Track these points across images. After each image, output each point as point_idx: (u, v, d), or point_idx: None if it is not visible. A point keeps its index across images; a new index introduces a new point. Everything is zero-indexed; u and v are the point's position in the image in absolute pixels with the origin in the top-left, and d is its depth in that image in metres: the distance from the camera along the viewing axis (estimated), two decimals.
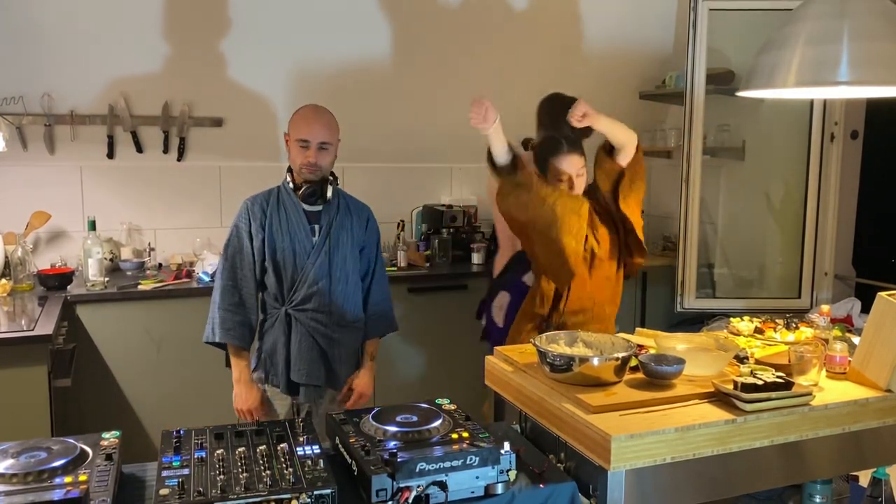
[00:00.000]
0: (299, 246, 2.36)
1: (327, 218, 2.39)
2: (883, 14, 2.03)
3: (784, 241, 3.82)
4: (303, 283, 2.36)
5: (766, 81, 2.17)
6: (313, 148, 2.32)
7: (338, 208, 2.42)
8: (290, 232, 2.36)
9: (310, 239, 2.37)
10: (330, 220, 2.39)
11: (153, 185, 3.64)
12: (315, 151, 2.32)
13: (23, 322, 2.66)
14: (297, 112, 2.40)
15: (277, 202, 2.39)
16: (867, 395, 1.83)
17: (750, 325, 2.32)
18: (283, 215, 2.38)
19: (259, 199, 2.41)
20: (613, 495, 1.57)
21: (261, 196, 2.42)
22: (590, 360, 1.78)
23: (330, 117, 2.39)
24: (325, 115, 2.39)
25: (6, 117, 3.35)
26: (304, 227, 2.37)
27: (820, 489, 2.06)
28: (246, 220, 2.38)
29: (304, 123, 2.35)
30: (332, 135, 2.37)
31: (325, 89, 3.83)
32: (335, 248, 2.38)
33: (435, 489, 1.45)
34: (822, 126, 3.55)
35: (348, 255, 2.41)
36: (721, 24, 3.51)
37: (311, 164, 2.32)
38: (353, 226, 2.44)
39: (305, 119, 2.36)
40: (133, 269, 3.43)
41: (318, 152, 2.33)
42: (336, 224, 2.39)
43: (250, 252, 2.36)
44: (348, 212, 2.45)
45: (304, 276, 2.35)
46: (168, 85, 3.59)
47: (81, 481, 1.40)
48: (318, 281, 2.35)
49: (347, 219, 2.43)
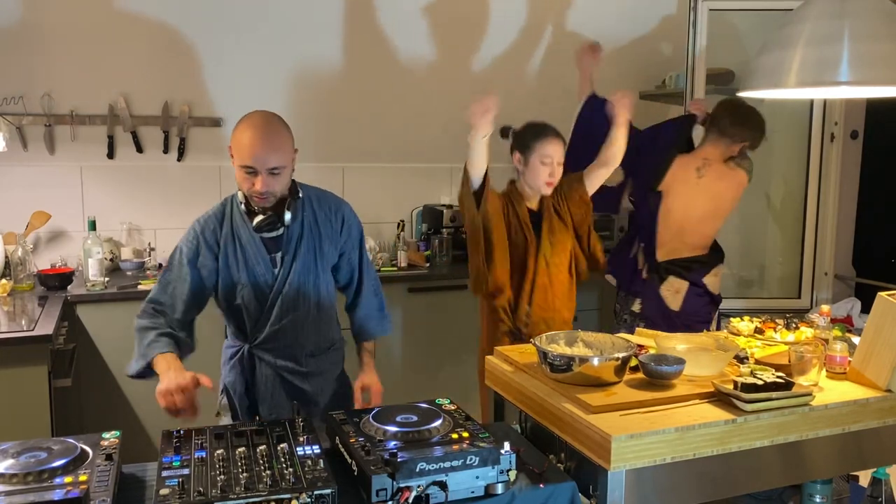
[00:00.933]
0: (260, 279, 2.00)
1: (290, 244, 2.02)
2: (883, 14, 2.04)
3: (784, 241, 3.82)
4: (265, 322, 2.04)
5: (766, 81, 2.17)
6: (262, 176, 1.90)
7: (301, 226, 2.04)
8: (248, 266, 2.00)
9: (270, 271, 2.01)
10: (294, 247, 2.02)
11: (153, 185, 3.64)
12: (264, 179, 1.90)
13: (23, 322, 2.66)
14: (237, 127, 1.93)
15: (231, 229, 2.01)
16: (867, 395, 1.83)
17: (750, 325, 2.32)
18: (238, 247, 2.00)
19: (210, 224, 2.03)
20: (613, 495, 1.57)
21: (212, 219, 2.04)
22: (590, 360, 1.78)
23: (280, 133, 1.93)
24: (274, 131, 1.91)
25: (6, 117, 3.35)
26: (262, 259, 2.00)
27: (820, 489, 2.06)
28: (193, 248, 2.00)
29: (247, 146, 1.88)
30: (284, 156, 1.92)
31: (325, 89, 3.84)
32: (303, 276, 2.03)
33: (435, 489, 1.45)
34: (822, 126, 3.56)
35: (320, 276, 2.07)
36: (721, 24, 3.52)
37: (260, 194, 1.92)
38: (323, 240, 2.07)
39: (248, 141, 1.88)
40: (133, 269, 3.43)
41: (267, 178, 1.90)
42: (302, 249, 2.03)
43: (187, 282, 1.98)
44: (315, 225, 2.06)
45: (268, 314, 2.03)
46: (168, 85, 3.59)
47: (81, 481, 1.39)
48: (284, 317, 2.03)
49: (314, 236, 2.05)
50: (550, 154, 2.54)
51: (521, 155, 2.59)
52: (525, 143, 2.58)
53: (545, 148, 2.54)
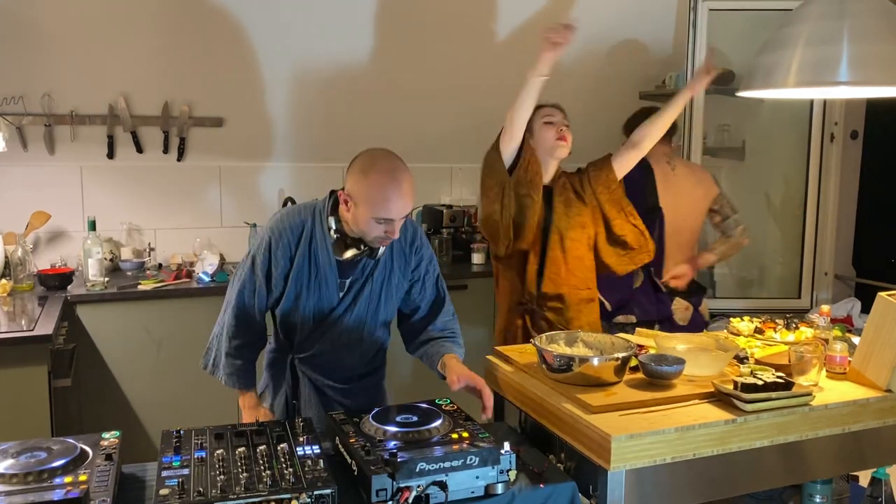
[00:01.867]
0: (325, 301, 1.99)
1: (363, 272, 1.99)
2: (883, 14, 2.04)
3: (784, 241, 3.82)
4: (315, 341, 2.03)
5: (766, 81, 2.17)
6: (397, 223, 1.88)
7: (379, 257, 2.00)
8: (318, 287, 1.97)
9: (336, 294, 1.98)
10: (367, 276, 1.99)
11: (153, 185, 3.64)
12: (398, 224, 1.89)
13: (23, 322, 2.66)
14: (368, 179, 1.86)
15: (309, 249, 1.95)
16: (867, 395, 1.83)
17: (750, 325, 2.32)
18: (312, 268, 1.96)
19: (285, 238, 1.95)
20: (613, 495, 1.57)
21: (289, 232, 1.95)
22: (590, 360, 1.78)
23: (410, 178, 1.89)
24: (406, 179, 1.87)
25: (6, 117, 3.35)
26: (334, 281, 1.97)
27: (820, 489, 2.06)
28: (266, 262, 1.96)
29: (384, 201, 1.83)
30: (414, 200, 1.92)
31: (325, 89, 3.84)
32: (368, 305, 2.01)
33: (435, 489, 1.45)
34: (822, 126, 3.56)
35: (382, 306, 2.03)
36: (721, 24, 3.52)
37: (389, 240, 1.91)
38: (394, 272, 2.03)
39: (388, 197, 1.83)
40: (133, 269, 3.43)
41: (399, 223, 1.89)
42: (373, 278, 2.00)
43: (264, 296, 1.99)
44: (391, 256, 2.02)
45: (320, 335, 2.02)
46: (168, 85, 3.59)
47: (81, 481, 1.40)
48: (336, 341, 2.03)
49: (387, 267, 2.01)
50: (549, 114, 2.56)
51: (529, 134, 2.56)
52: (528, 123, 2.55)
53: (541, 112, 2.55)
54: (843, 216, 3.69)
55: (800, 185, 3.64)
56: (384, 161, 1.90)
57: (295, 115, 3.83)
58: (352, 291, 1.99)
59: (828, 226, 3.62)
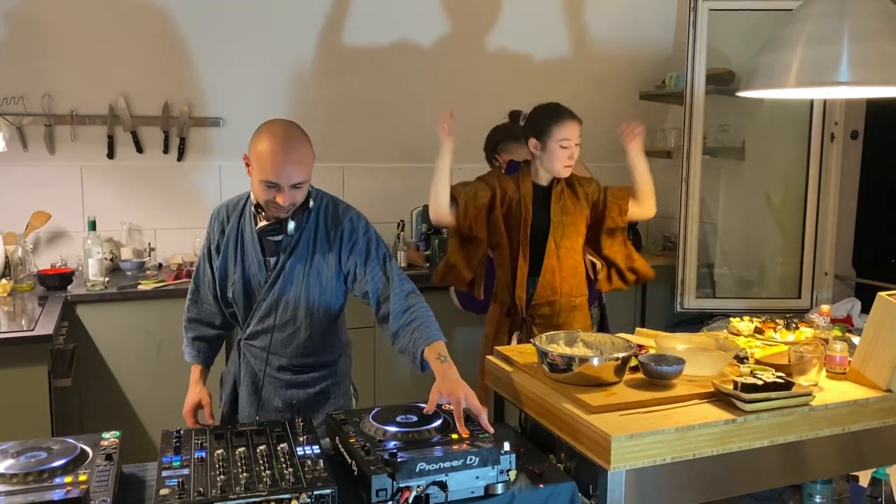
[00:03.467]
0: (252, 278, 2.03)
1: (285, 251, 2.00)
2: (883, 14, 2.04)
3: (784, 241, 3.82)
4: (252, 319, 2.07)
5: (766, 81, 2.17)
6: (285, 191, 1.88)
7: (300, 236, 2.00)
8: (244, 263, 2.03)
9: (263, 272, 2.02)
10: (288, 254, 2.00)
11: (153, 185, 3.64)
12: (287, 193, 1.88)
13: (23, 322, 2.66)
14: (260, 141, 1.89)
15: (238, 223, 2.05)
16: (867, 395, 1.83)
17: (750, 325, 2.32)
18: (240, 242, 2.04)
19: (222, 213, 2.09)
20: (613, 495, 1.57)
21: (223, 209, 2.10)
22: (590, 360, 1.78)
23: (302, 147, 1.92)
24: (297, 145, 1.90)
25: (6, 117, 3.35)
26: (257, 259, 2.01)
27: (820, 489, 2.06)
28: (206, 237, 2.12)
29: (270, 162, 1.85)
30: (306, 170, 1.91)
31: (325, 89, 3.84)
32: (290, 284, 2.01)
33: (435, 489, 1.45)
34: (822, 126, 3.55)
35: (311, 287, 2.01)
36: (721, 24, 3.51)
37: (279, 207, 1.90)
38: (317, 254, 2.01)
39: (272, 157, 1.85)
40: (133, 269, 3.43)
41: (290, 192, 1.89)
42: (294, 258, 2.00)
43: (209, 271, 2.11)
44: (314, 238, 2.02)
45: (255, 313, 2.06)
46: (168, 85, 3.59)
47: (81, 481, 1.40)
48: (267, 318, 2.03)
49: (308, 248, 2.01)
50: (569, 136, 2.52)
51: (537, 140, 2.55)
52: (542, 128, 2.54)
53: (563, 131, 2.51)
54: (843, 216, 3.69)
55: (800, 185, 3.64)
56: (280, 127, 1.92)
57: (295, 115, 3.78)
58: (275, 270, 2.02)
59: (828, 226, 3.61)
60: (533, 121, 2.60)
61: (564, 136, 2.52)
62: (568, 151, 2.53)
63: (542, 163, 2.58)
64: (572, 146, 2.53)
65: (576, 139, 2.54)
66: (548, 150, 2.54)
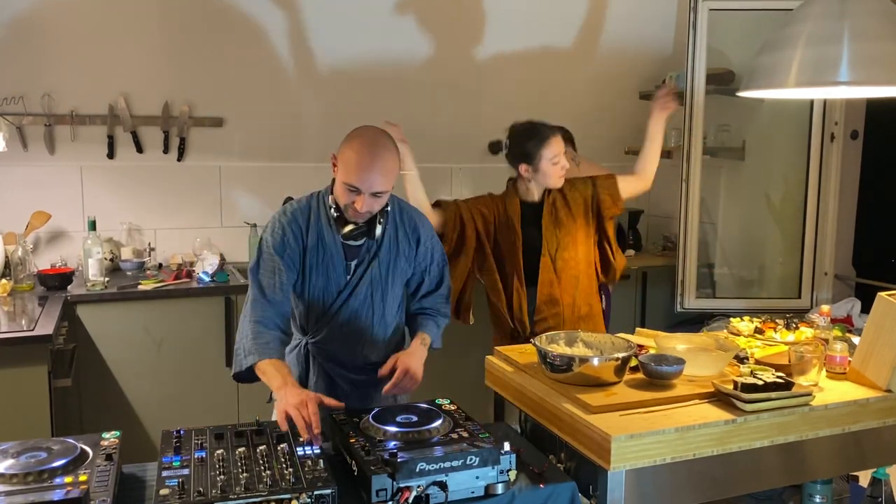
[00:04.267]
0: (332, 282, 2.02)
1: (368, 254, 2.03)
2: (883, 14, 2.04)
3: (784, 241, 3.82)
4: (325, 323, 2.05)
5: (766, 81, 2.17)
6: (364, 196, 1.90)
7: (382, 238, 2.04)
8: (325, 268, 2.02)
9: (343, 276, 2.03)
10: (371, 258, 2.03)
11: (153, 185, 3.64)
12: (366, 199, 1.90)
13: (23, 322, 2.66)
14: (350, 145, 1.91)
15: (317, 229, 2.02)
16: (867, 395, 1.83)
17: (750, 325, 2.32)
18: (320, 247, 2.01)
19: (297, 218, 2.02)
20: (613, 495, 1.57)
21: (298, 214, 2.03)
22: (590, 360, 1.78)
23: (389, 157, 1.91)
24: (384, 157, 1.90)
25: (6, 117, 3.35)
26: (340, 264, 2.02)
27: (820, 489, 2.06)
28: (279, 239, 1.99)
29: (355, 166, 1.87)
30: (390, 180, 1.92)
31: (325, 89, 3.84)
32: (373, 287, 2.04)
33: (435, 489, 1.45)
34: (822, 126, 3.55)
35: (388, 290, 2.07)
36: (721, 24, 3.51)
37: (357, 212, 1.93)
38: (399, 256, 2.07)
39: (358, 162, 1.87)
40: (133, 269, 3.43)
41: (369, 199, 1.91)
42: (377, 261, 2.03)
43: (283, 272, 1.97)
44: (395, 240, 2.06)
45: (330, 315, 2.04)
46: (168, 85, 3.59)
47: (81, 481, 1.40)
48: (345, 323, 2.04)
49: (391, 251, 2.05)
50: (557, 153, 2.54)
51: (528, 165, 2.57)
52: (528, 153, 2.55)
53: (550, 150, 2.53)
54: (843, 216, 3.69)
55: (800, 185, 3.64)
56: (371, 133, 1.94)
57: (295, 115, 3.83)
58: (357, 273, 2.02)
59: (828, 226, 3.61)
60: (517, 148, 2.59)
61: (553, 154, 2.53)
62: (559, 165, 2.55)
63: (537, 182, 2.59)
64: (562, 158, 2.55)
65: (562, 150, 2.56)
66: (540, 171, 2.56)
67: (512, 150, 2.61)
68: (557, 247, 2.60)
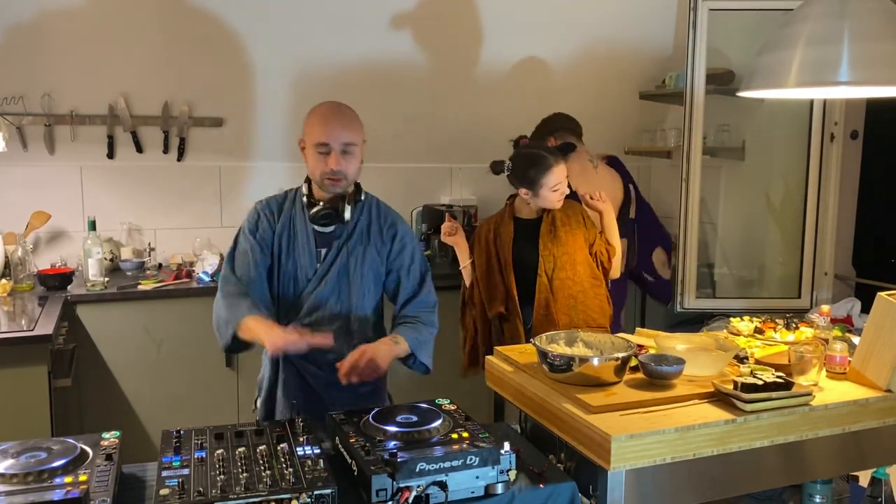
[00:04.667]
0: (301, 270, 2.06)
1: (338, 242, 2.07)
2: (883, 14, 2.04)
3: (784, 241, 3.81)
4: (295, 313, 2.06)
5: (766, 81, 2.17)
6: (335, 152, 1.98)
7: (354, 228, 2.08)
8: (294, 254, 2.06)
9: (313, 264, 2.05)
10: (341, 245, 2.06)
11: (153, 185, 3.64)
12: (338, 156, 1.98)
13: (23, 322, 2.66)
14: (311, 112, 2.05)
15: (290, 216, 2.09)
16: (867, 395, 1.83)
17: (750, 325, 2.32)
18: (291, 233, 2.07)
19: (272, 205, 2.11)
20: (613, 495, 1.57)
21: (274, 203, 2.12)
22: (590, 360, 1.78)
23: (352, 113, 2.06)
24: (346, 111, 2.05)
25: (6, 117, 3.35)
26: (309, 250, 2.06)
27: (820, 489, 2.06)
28: (254, 222, 2.08)
29: (320, 124, 2.00)
30: (356, 133, 2.03)
31: (325, 90, 3.82)
32: (342, 276, 2.05)
33: (435, 489, 1.45)
34: (822, 126, 3.55)
35: (359, 282, 2.07)
36: (721, 24, 3.51)
37: (334, 173, 1.98)
38: (370, 248, 2.09)
39: (322, 119, 2.01)
40: (133, 269, 3.43)
41: (341, 157, 1.98)
42: (347, 250, 2.06)
43: (258, 251, 2.05)
44: (367, 232, 2.10)
45: (300, 305, 2.05)
46: (168, 85, 3.59)
47: (81, 481, 1.40)
48: (314, 312, 2.04)
49: (363, 241, 2.08)
50: (558, 181, 2.54)
51: (528, 189, 2.57)
52: (531, 180, 2.54)
53: (552, 179, 2.52)
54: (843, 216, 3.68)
55: (800, 185, 3.63)
56: (326, 102, 2.09)
57: (295, 115, 3.82)
58: (327, 260, 2.06)
59: (828, 226, 3.61)
60: (520, 173, 2.58)
61: (555, 183, 2.53)
62: (559, 192, 2.55)
63: (536, 203, 2.60)
64: (562, 185, 2.55)
65: (564, 178, 2.56)
66: (540, 196, 2.56)
67: (514, 173, 2.60)
68: (554, 266, 2.58)
